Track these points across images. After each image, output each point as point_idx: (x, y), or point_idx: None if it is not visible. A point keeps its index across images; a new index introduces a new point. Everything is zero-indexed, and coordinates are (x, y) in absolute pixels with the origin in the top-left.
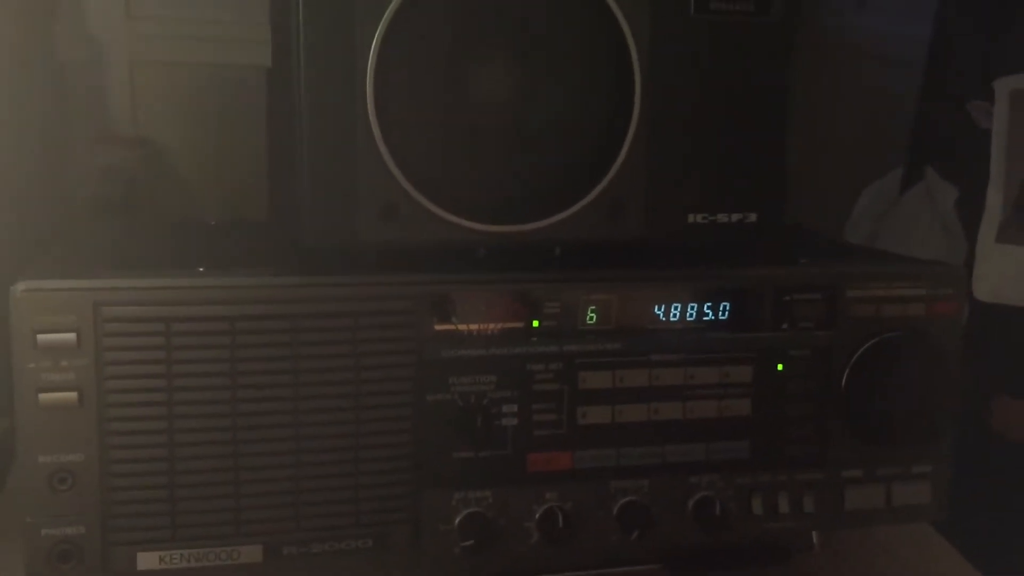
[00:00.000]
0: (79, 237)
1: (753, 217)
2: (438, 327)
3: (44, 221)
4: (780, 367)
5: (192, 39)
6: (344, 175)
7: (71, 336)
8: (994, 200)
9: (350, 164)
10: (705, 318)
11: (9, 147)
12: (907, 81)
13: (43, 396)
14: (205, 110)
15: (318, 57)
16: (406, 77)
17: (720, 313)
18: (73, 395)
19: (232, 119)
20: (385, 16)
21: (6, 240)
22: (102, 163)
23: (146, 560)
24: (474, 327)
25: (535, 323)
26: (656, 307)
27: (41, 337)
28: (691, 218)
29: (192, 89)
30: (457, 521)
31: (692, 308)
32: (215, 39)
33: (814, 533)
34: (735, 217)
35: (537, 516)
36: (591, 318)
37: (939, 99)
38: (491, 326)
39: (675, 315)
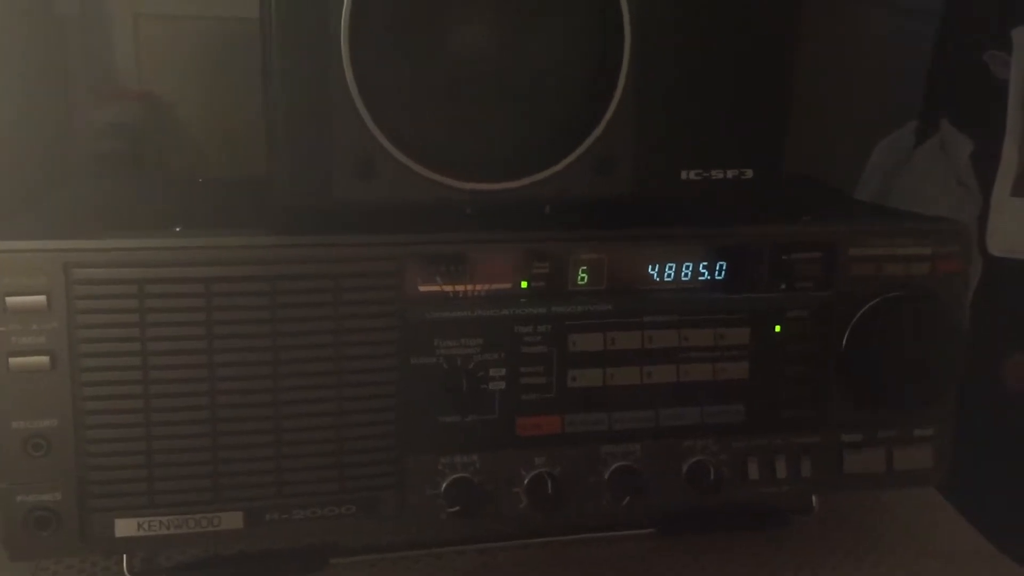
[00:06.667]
0: (68, 194)
1: (749, 173)
2: (423, 288)
3: (41, 178)
4: (778, 328)
5: None
6: (319, 132)
7: (41, 299)
8: (1010, 153)
9: (325, 120)
10: (701, 278)
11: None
12: (922, 31)
13: (13, 360)
14: (210, 64)
15: (291, 8)
16: (383, 29)
17: (716, 273)
18: (45, 359)
19: (238, 73)
20: None
21: None
22: (106, 118)
23: (124, 527)
24: (460, 288)
25: (524, 284)
26: (649, 267)
27: (10, 300)
28: (684, 174)
29: (197, 42)
30: (443, 487)
31: (687, 268)
32: None
33: (814, 497)
34: (730, 173)
35: (526, 481)
36: (582, 279)
37: (955, 49)
38: (478, 287)
39: (669, 275)
